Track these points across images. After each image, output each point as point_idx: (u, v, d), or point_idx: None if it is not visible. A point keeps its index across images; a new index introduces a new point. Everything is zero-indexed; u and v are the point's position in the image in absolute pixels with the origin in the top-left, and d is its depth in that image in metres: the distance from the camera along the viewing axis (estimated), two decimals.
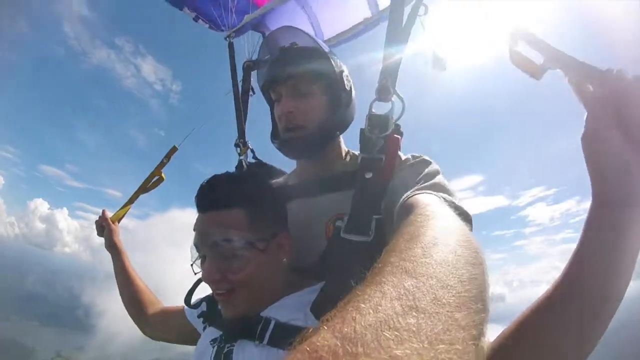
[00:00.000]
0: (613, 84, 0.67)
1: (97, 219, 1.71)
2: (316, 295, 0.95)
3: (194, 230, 1.02)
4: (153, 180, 1.75)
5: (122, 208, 1.74)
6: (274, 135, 1.31)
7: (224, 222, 0.98)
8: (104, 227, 1.67)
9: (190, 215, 1.10)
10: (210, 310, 1.16)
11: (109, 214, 1.72)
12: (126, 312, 1.55)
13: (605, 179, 0.70)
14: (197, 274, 1.08)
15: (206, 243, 0.98)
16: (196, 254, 1.03)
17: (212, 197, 1.02)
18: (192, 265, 1.06)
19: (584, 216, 0.76)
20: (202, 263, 1.01)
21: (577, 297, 0.72)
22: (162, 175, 1.75)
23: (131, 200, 1.75)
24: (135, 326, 1.56)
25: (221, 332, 1.03)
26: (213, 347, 1.01)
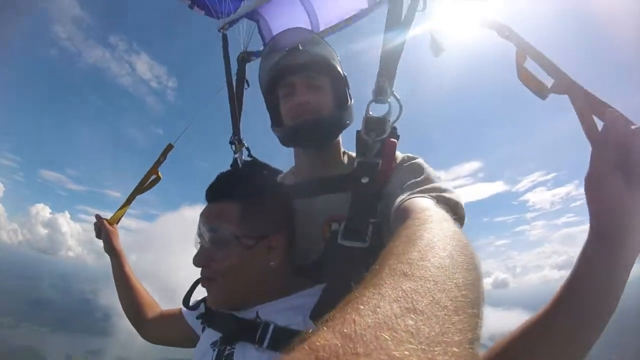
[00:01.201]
0: (620, 129, 0.72)
1: (95, 222, 1.70)
2: (314, 300, 0.95)
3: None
4: (150, 180, 1.71)
5: (119, 209, 1.71)
6: (276, 123, 1.32)
7: (216, 213, 1.04)
8: (101, 230, 1.65)
9: (200, 211, 1.17)
10: (208, 311, 1.15)
11: (107, 217, 1.69)
12: None
13: (604, 218, 0.75)
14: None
15: (199, 230, 1.04)
16: (198, 241, 1.08)
17: (213, 190, 1.10)
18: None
19: (585, 200, 0.80)
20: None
21: (568, 319, 0.78)
22: (159, 174, 1.71)
23: (129, 201, 1.72)
24: None
25: (220, 335, 1.03)
26: (214, 350, 1.00)
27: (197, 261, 1.02)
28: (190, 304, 1.21)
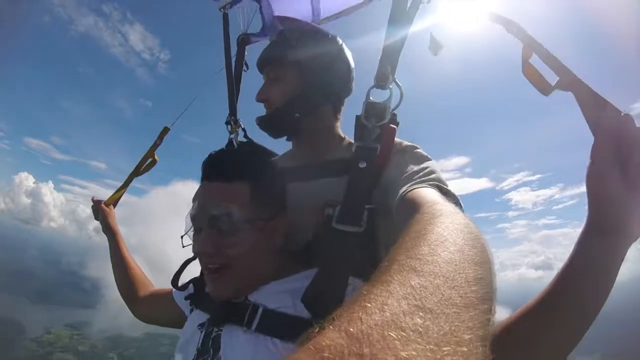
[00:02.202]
0: (618, 123, 0.74)
1: (92, 205, 1.72)
2: (305, 284, 0.92)
3: (194, 199, 1.01)
4: (147, 163, 1.72)
5: (116, 192, 1.72)
6: None
7: (227, 194, 0.95)
8: (99, 211, 1.68)
9: (192, 188, 1.06)
10: (197, 292, 1.15)
11: (101, 200, 1.71)
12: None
13: (602, 211, 0.77)
14: (185, 247, 1.05)
15: (206, 215, 0.94)
16: (190, 225, 1.01)
17: (220, 167, 1.00)
18: (182, 237, 1.04)
19: (567, 203, 0.85)
20: (195, 235, 0.99)
21: (560, 308, 0.79)
22: (155, 157, 1.72)
23: (126, 184, 1.73)
24: None
25: (208, 316, 1.02)
26: (201, 331, 0.99)
27: (206, 249, 0.93)
28: (180, 284, 1.19)
